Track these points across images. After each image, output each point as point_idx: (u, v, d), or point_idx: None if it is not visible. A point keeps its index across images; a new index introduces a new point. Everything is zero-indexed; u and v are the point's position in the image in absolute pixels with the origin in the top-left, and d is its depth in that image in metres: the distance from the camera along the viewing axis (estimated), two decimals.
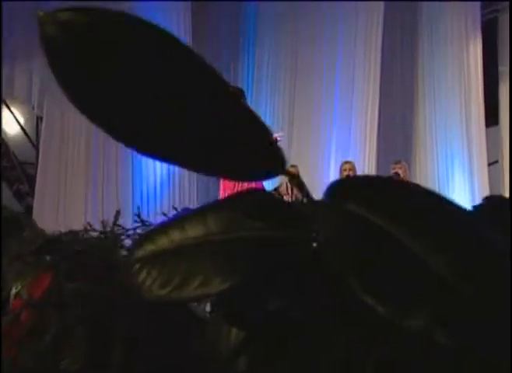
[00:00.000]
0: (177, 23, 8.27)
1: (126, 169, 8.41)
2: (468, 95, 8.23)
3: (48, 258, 0.98)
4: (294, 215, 0.64)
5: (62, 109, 8.11)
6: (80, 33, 0.56)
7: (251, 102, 7.98)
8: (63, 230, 1.03)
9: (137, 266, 0.67)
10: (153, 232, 0.69)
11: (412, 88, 8.76)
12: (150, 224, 0.94)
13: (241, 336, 0.69)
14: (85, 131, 8.21)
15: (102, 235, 1.00)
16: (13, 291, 0.95)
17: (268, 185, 6.00)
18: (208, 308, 0.89)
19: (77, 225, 1.04)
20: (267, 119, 8.37)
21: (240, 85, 7.94)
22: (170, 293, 0.64)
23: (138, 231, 0.95)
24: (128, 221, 1.00)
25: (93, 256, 0.95)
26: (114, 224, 0.98)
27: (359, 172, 6.92)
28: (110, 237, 0.98)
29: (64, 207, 8.28)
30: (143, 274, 0.66)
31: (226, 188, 6.35)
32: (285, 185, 5.97)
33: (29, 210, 8.10)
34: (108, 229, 0.99)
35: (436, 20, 8.48)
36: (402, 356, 0.60)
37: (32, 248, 0.99)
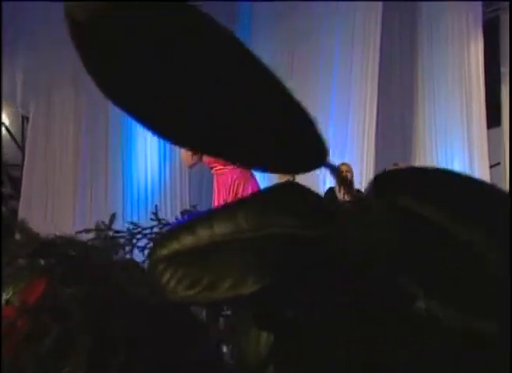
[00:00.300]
0: None
1: (116, 169, 8.28)
2: (469, 95, 8.17)
3: (42, 262, 0.96)
4: (331, 212, 0.60)
5: (48, 109, 8.02)
6: (106, 18, 0.53)
7: None
8: (52, 234, 1.00)
9: (161, 266, 0.63)
10: (177, 230, 0.65)
11: (412, 88, 8.72)
12: (167, 223, 0.90)
13: (272, 340, 0.65)
14: (72, 131, 8.11)
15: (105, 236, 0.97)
16: (4, 296, 0.92)
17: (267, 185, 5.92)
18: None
19: (65, 229, 1.01)
20: None
21: None
22: (199, 294, 0.60)
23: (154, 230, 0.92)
24: (118, 223, 0.97)
25: (91, 257, 0.93)
26: (109, 226, 0.96)
27: (356, 173, 6.91)
28: (110, 238, 0.96)
29: (52, 209, 8.17)
30: (167, 275, 0.62)
31: (220, 191, 6.24)
32: None
33: (13, 213, 7.98)
34: (105, 231, 0.97)
35: (437, 19, 8.43)
36: (435, 357, 0.57)
37: (26, 251, 0.96)
